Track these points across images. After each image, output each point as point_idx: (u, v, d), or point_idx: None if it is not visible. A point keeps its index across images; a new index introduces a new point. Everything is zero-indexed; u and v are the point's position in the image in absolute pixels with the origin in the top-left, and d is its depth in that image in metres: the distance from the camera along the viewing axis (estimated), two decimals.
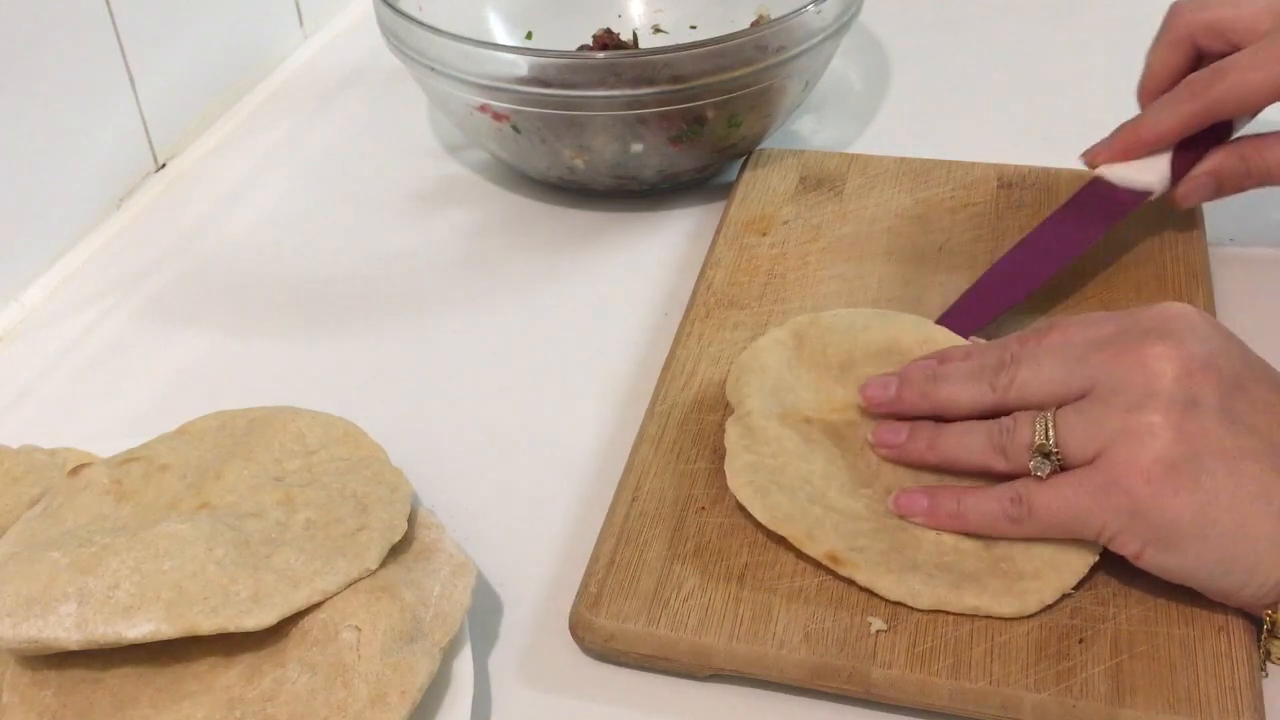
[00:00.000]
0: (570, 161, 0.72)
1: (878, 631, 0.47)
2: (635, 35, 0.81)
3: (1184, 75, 0.61)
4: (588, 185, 0.74)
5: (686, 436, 0.55)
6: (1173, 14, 0.63)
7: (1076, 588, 0.47)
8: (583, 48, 0.78)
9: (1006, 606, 0.47)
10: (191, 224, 0.76)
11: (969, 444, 0.49)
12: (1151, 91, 0.63)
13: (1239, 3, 0.60)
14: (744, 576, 0.49)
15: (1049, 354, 0.49)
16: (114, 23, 0.74)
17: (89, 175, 0.75)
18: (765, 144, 0.75)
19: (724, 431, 0.53)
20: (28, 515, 0.50)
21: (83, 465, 0.51)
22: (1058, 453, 0.47)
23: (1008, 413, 0.49)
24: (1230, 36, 0.60)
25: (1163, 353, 0.46)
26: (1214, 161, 0.61)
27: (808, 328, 0.57)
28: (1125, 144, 0.62)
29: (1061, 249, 0.62)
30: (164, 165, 0.80)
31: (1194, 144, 0.61)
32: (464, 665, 0.46)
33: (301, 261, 0.72)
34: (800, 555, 0.49)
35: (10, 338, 0.68)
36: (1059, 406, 0.47)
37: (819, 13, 0.69)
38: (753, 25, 0.78)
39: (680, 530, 0.51)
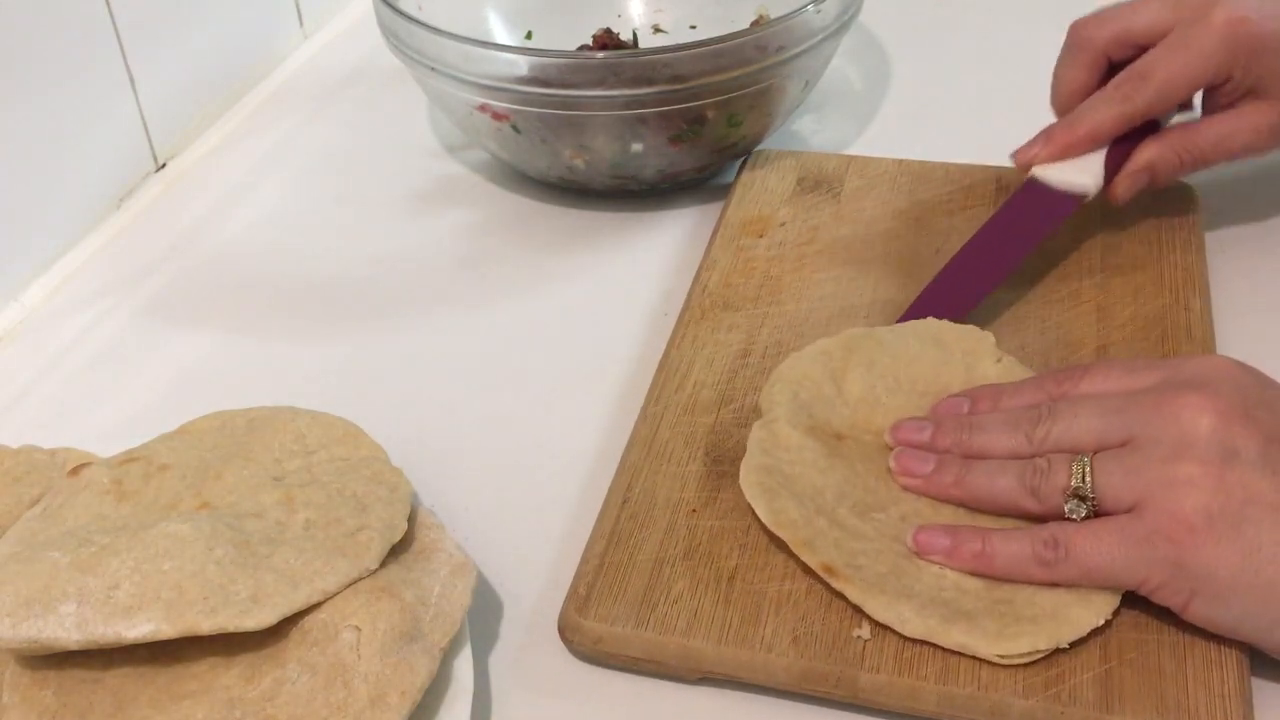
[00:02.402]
0: (570, 161, 0.72)
1: (863, 639, 0.47)
2: (635, 35, 0.81)
3: (1098, 88, 0.63)
4: (588, 185, 0.74)
5: (678, 439, 0.55)
6: (1077, 31, 0.64)
7: (1072, 645, 0.46)
8: (583, 48, 0.78)
9: (994, 648, 0.45)
10: (191, 224, 0.76)
11: (1000, 484, 0.49)
12: (1067, 108, 0.65)
13: (1135, 9, 0.62)
14: (733, 580, 0.49)
15: (1086, 405, 0.49)
16: (114, 23, 0.74)
17: (89, 175, 0.75)
18: (765, 144, 0.75)
19: (719, 434, 0.53)
20: (28, 515, 0.50)
21: (83, 465, 0.51)
22: (1094, 498, 0.47)
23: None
24: (1138, 41, 0.62)
25: (1201, 404, 0.46)
26: (1147, 155, 0.62)
27: (861, 341, 0.56)
28: (1063, 143, 0.63)
29: (1001, 260, 0.61)
30: (164, 165, 0.80)
31: (1121, 140, 0.63)
32: (464, 665, 0.47)
33: (301, 261, 0.72)
34: (792, 559, 0.49)
35: (10, 338, 0.68)
36: (1096, 451, 0.48)
37: (819, 13, 0.69)
38: (753, 25, 0.78)
39: (671, 533, 0.51)
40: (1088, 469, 0.47)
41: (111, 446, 0.53)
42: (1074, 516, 0.47)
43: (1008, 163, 0.67)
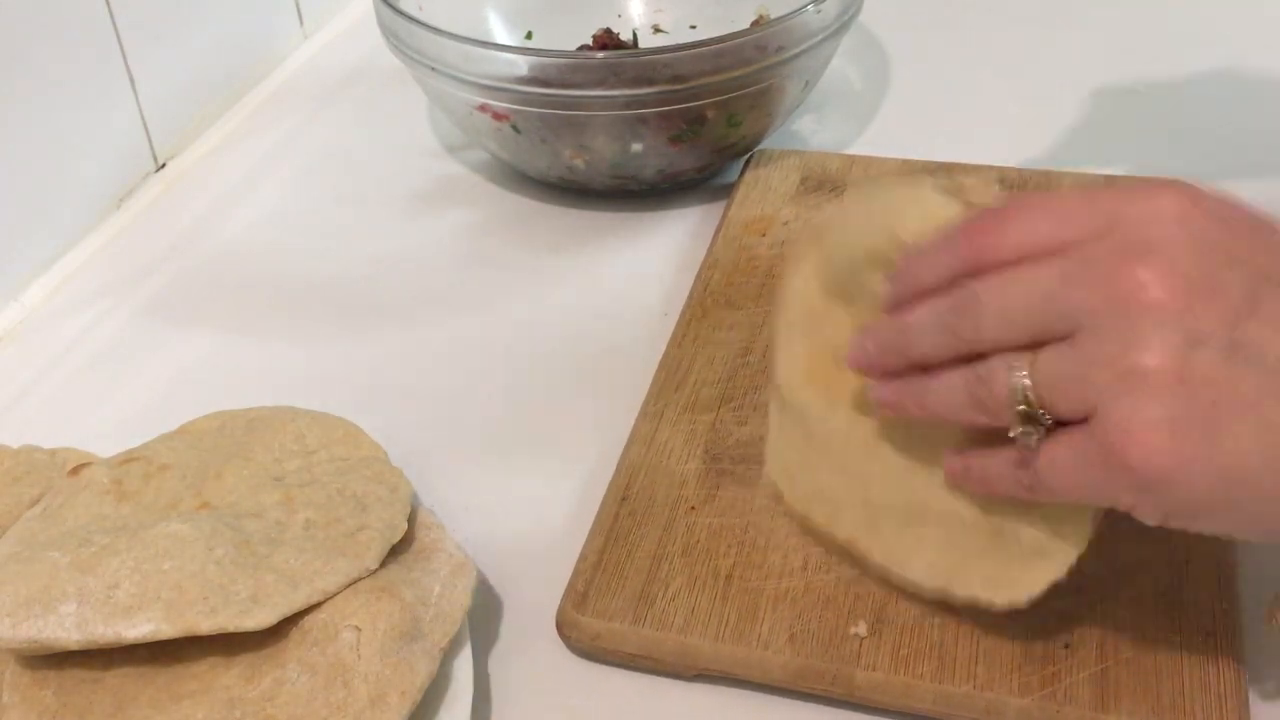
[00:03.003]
0: (570, 161, 0.72)
1: (859, 637, 0.47)
2: (635, 35, 0.81)
3: None
4: (588, 185, 0.74)
5: (678, 437, 0.55)
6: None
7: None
8: (583, 48, 0.78)
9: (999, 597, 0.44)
10: (191, 224, 0.76)
11: (951, 401, 0.42)
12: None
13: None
14: (731, 577, 0.49)
15: (1014, 287, 0.40)
16: (114, 23, 0.74)
17: (89, 175, 0.75)
18: (765, 144, 0.75)
19: (718, 432, 0.54)
20: (28, 515, 0.50)
21: (83, 465, 0.51)
22: (1044, 413, 0.39)
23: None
24: None
25: (1150, 278, 0.37)
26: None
27: (824, 233, 0.50)
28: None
29: None
30: (164, 165, 0.80)
31: None
32: (464, 665, 0.47)
33: (301, 261, 0.72)
34: (791, 559, 0.49)
35: (10, 338, 0.68)
36: (1039, 347, 0.39)
37: (819, 13, 0.69)
38: (753, 25, 0.78)
39: (669, 530, 0.51)
40: (1027, 383, 0.39)
41: (111, 446, 0.53)
42: (1029, 444, 0.40)
43: (1009, 162, 0.67)
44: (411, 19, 0.70)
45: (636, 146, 0.70)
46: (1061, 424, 0.39)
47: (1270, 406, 0.36)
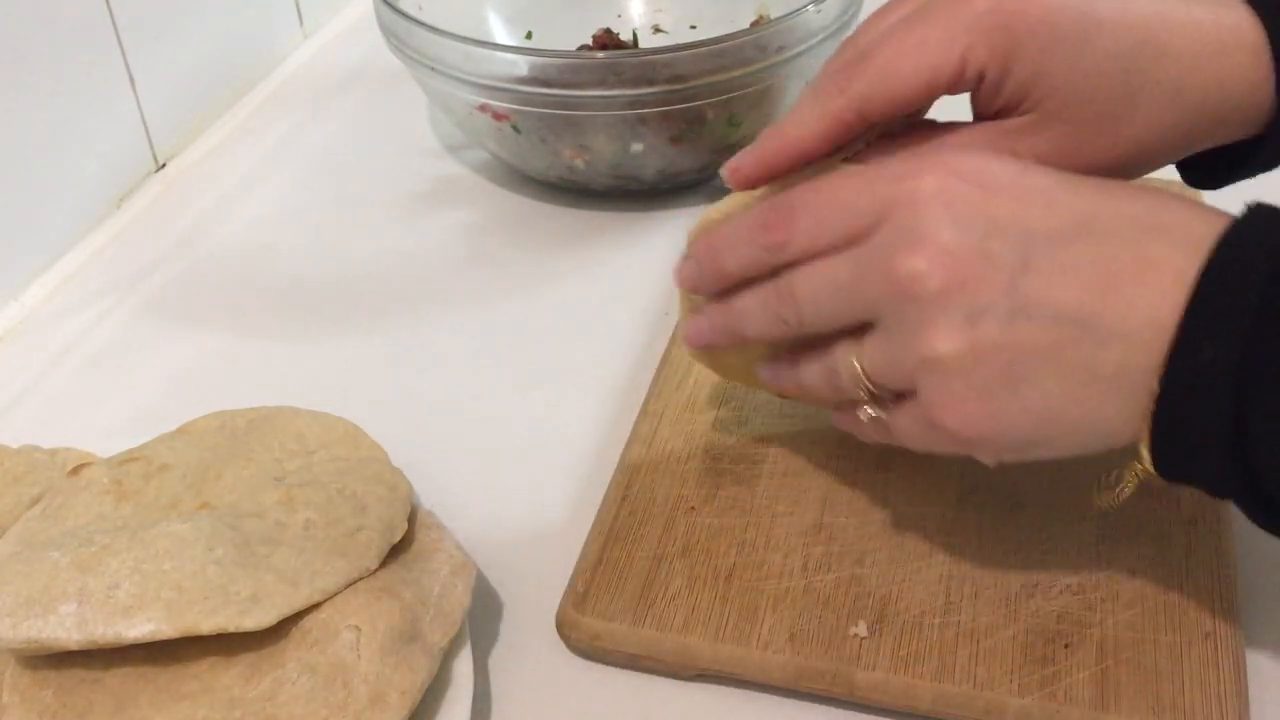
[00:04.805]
0: (570, 161, 0.72)
1: (859, 637, 0.47)
2: (635, 35, 0.81)
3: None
4: (588, 185, 0.74)
5: (678, 436, 0.55)
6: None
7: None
8: (583, 48, 0.78)
9: None
10: (191, 224, 0.76)
11: (813, 382, 0.46)
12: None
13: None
14: (731, 577, 0.49)
15: (818, 279, 0.42)
16: (114, 23, 0.74)
17: (89, 175, 0.75)
18: None
19: (718, 432, 0.54)
20: (28, 515, 0.50)
21: (83, 465, 0.51)
22: (884, 391, 0.43)
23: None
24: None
25: (923, 267, 0.39)
26: None
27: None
28: (763, 157, 0.47)
29: None
30: (164, 165, 0.80)
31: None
32: (464, 665, 0.47)
33: (301, 261, 0.72)
34: (790, 558, 0.49)
35: (10, 338, 0.68)
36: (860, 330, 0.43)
37: (819, 13, 0.69)
38: (753, 25, 0.78)
39: (669, 530, 0.51)
40: (859, 370, 0.43)
41: (111, 446, 0.53)
42: (880, 417, 0.44)
43: None
44: (411, 19, 0.70)
45: (636, 146, 0.70)
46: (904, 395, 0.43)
47: (1057, 352, 0.39)
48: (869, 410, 0.44)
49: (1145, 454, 0.40)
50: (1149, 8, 0.45)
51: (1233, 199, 0.63)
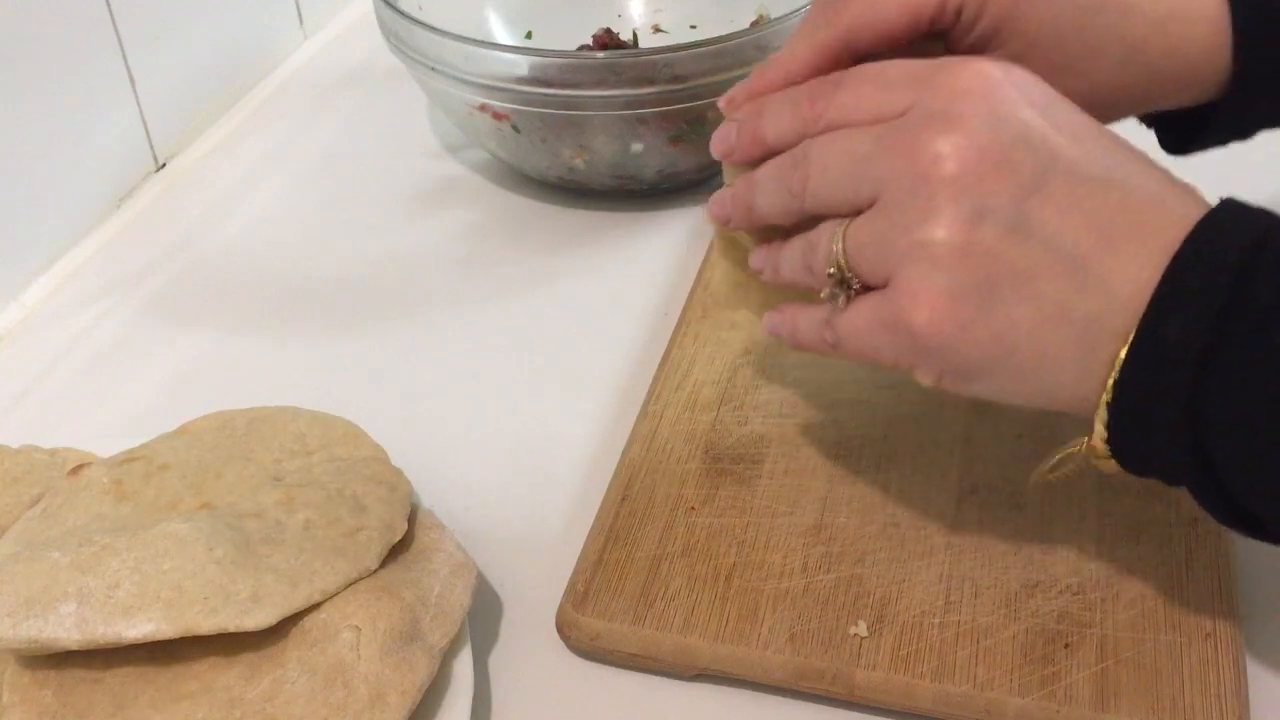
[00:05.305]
0: (570, 161, 0.72)
1: (859, 637, 0.47)
2: (635, 35, 0.81)
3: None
4: (588, 185, 0.74)
5: (678, 436, 0.55)
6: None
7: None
8: (583, 48, 0.78)
9: None
10: (191, 224, 0.76)
11: (793, 265, 0.46)
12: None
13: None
14: (731, 577, 0.49)
15: (834, 149, 0.43)
16: (114, 23, 0.74)
17: (89, 175, 0.75)
18: None
19: (718, 432, 0.54)
20: (28, 515, 0.50)
21: (83, 465, 0.51)
22: (852, 277, 0.42)
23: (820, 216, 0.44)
24: None
25: (947, 151, 0.39)
26: None
27: None
28: (759, 87, 0.48)
29: None
30: (164, 165, 0.80)
31: None
32: (464, 665, 0.47)
33: (301, 261, 0.72)
34: (790, 557, 0.49)
35: (10, 338, 0.68)
36: (855, 214, 0.42)
37: None
38: (753, 25, 0.78)
39: (669, 530, 0.51)
40: (838, 249, 0.42)
41: (111, 446, 0.53)
42: (837, 304, 0.43)
43: None
44: (411, 19, 0.70)
45: (636, 146, 0.70)
46: (869, 289, 0.42)
47: (1041, 280, 0.39)
48: (828, 293, 0.43)
49: (1100, 427, 0.40)
50: None
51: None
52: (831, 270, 0.42)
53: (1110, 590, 0.48)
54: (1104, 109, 0.47)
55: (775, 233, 0.47)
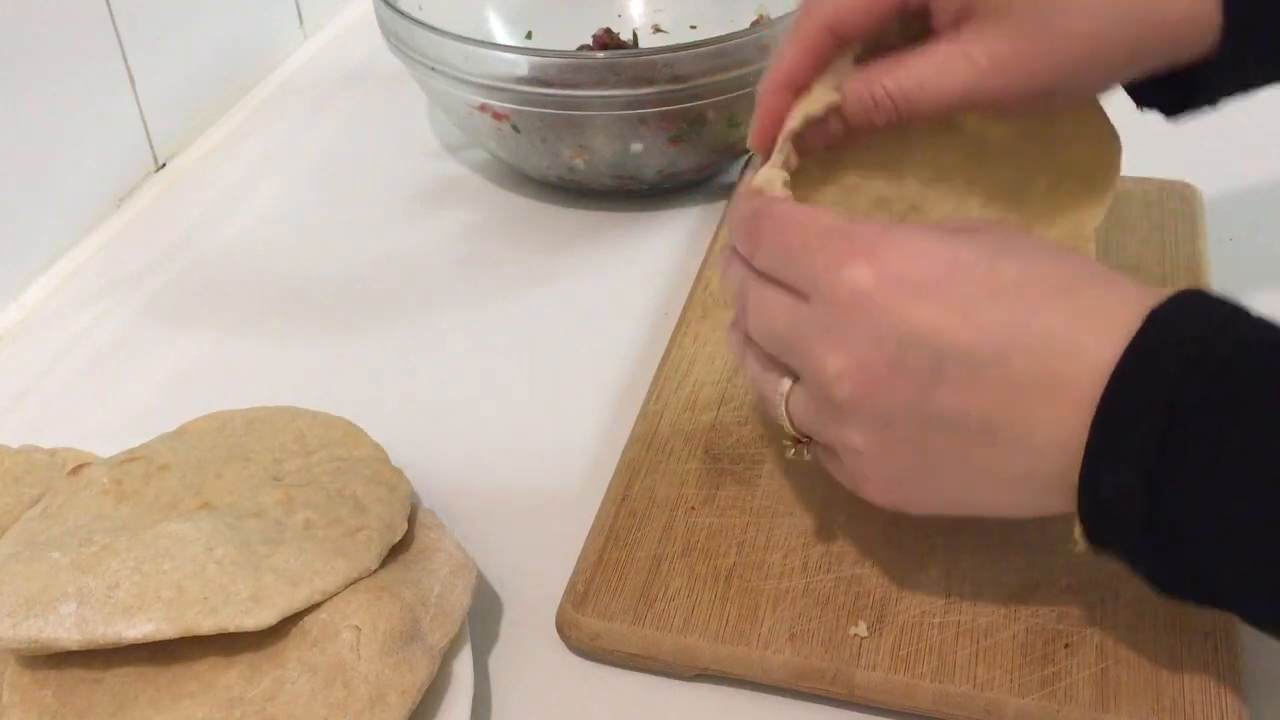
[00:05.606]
0: (570, 161, 0.72)
1: (859, 637, 0.47)
2: (635, 35, 0.81)
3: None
4: (588, 185, 0.74)
5: (678, 436, 0.55)
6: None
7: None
8: (583, 48, 0.78)
9: None
10: (191, 224, 0.76)
11: (749, 379, 0.47)
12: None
13: None
14: (731, 577, 0.49)
15: (762, 309, 0.44)
16: (114, 23, 0.74)
17: (89, 175, 0.75)
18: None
19: (718, 432, 0.54)
20: (28, 515, 0.50)
21: (83, 465, 0.51)
22: (807, 437, 0.45)
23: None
24: None
25: (840, 370, 0.41)
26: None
27: None
28: (765, 100, 0.49)
29: None
30: (164, 165, 0.80)
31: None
32: (464, 665, 0.47)
33: (301, 261, 0.72)
34: (790, 557, 0.49)
35: (10, 338, 0.68)
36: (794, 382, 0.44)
37: None
38: (753, 25, 0.78)
39: (669, 530, 0.51)
40: (788, 421, 0.45)
41: (111, 446, 0.53)
42: (805, 458, 0.46)
43: None
44: (411, 19, 0.70)
45: (636, 146, 0.70)
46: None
47: (967, 452, 0.41)
48: (790, 446, 0.46)
49: (1078, 535, 0.41)
50: None
51: (1237, 200, 0.63)
52: (790, 431, 0.45)
53: (1110, 590, 0.48)
54: (1100, 60, 0.46)
55: None
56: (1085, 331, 0.39)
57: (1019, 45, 0.45)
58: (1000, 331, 0.40)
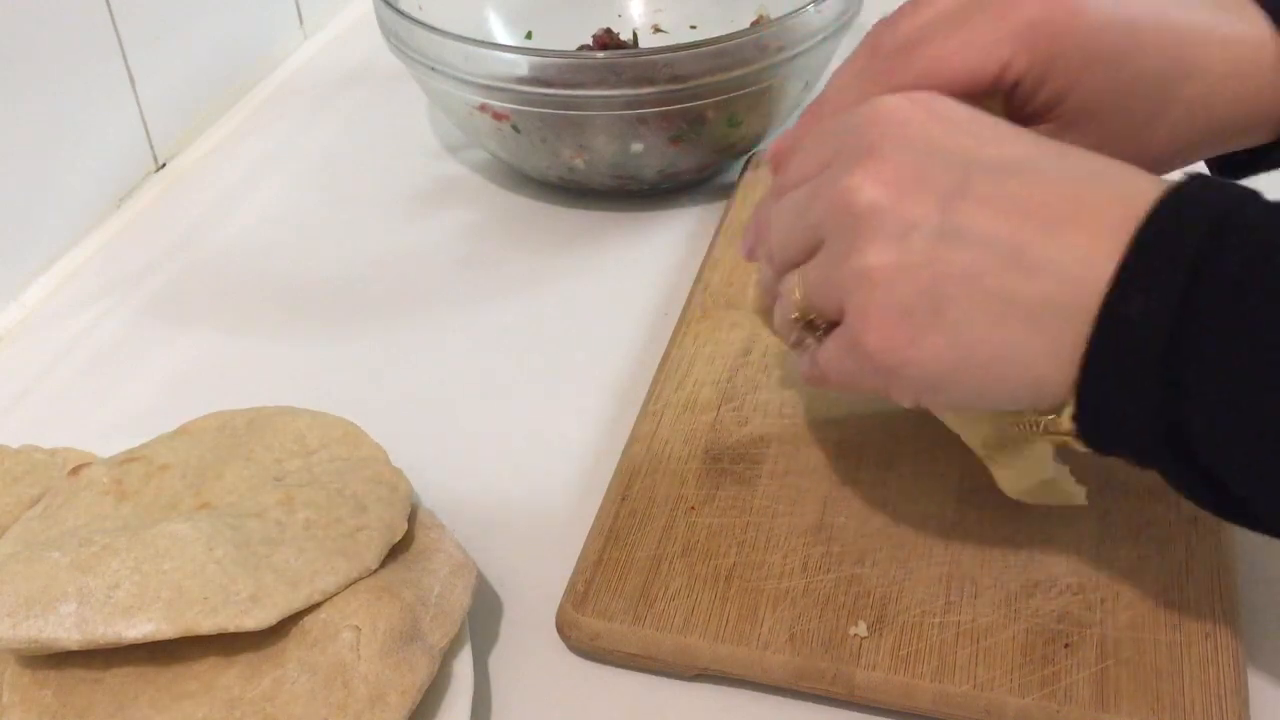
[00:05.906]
0: (570, 161, 0.72)
1: (859, 637, 0.47)
2: (635, 35, 0.81)
3: None
4: (588, 185, 0.74)
5: (678, 437, 0.55)
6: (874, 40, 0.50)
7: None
8: (583, 48, 0.78)
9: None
10: (191, 224, 0.76)
11: (777, 320, 0.47)
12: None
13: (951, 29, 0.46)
14: (731, 577, 0.49)
15: (782, 207, 0.45)
16: (114, 23, 0.74)
17: (89, 175, 0.75)
18: (765, 144, 0.75)
19: (718, 432, 0.54)
20: (28, 515, 0.50)
21: (83, 465, 0.51)
22: (816, 316, 0.44)
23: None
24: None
25: (863, 181, 0.40)
26: None
27: None
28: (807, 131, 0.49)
29: None
30: (164, 165, 0.80)
31: None
32: (464, 665, 0.47)
33: (301, 261, 0.72)
34: (789, 557, 0.50)
35: (10, 338, 0.68)
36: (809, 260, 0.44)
37: (819, 13, 0.69)
38: (753, 25, 0.78)
39: (669, 530, 0.51)
40: (797, 297, 0.44)
41: (111, 446, 0.53)
42: (809, 347, 0.45)
43: None
44: (411, 19, 0.70)
45: (636, 146, 0.70)
46: (836, 324, 0.43)
47: (983, 277, 0.39)
48: (796, 337, 0.45)
49: (1066, 411, 0.39)
50: (1184, 22, 0.46)
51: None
52: (795, 315, 0.44)
53: (1110, 590, 0.48)
54: (1170, 163, 0.47)
55: None
56: (1117, 174, 0.40)
57: (1105, 147, 0.44)
58: (1030, 157, 0.40)
